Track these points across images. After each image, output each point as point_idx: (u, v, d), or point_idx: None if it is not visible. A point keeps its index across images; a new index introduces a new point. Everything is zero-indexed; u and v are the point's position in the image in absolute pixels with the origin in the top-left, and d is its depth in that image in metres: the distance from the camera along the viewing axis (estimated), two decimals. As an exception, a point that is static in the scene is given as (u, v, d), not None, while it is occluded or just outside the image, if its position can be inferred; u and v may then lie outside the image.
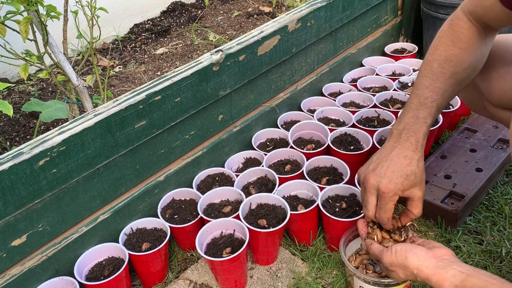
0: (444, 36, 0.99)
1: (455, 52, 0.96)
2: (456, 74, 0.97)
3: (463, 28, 0.96)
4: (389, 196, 0.94)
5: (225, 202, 1.29)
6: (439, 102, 0.96)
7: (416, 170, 0.94)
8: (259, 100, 1.51)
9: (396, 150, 0.96)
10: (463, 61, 0.96)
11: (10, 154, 0.97)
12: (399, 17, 2.05)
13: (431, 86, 0.96)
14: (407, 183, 0.94)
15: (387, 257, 0.90)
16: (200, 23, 2.72)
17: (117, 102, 1.11)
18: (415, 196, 0.96)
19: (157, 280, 1.22)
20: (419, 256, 0.86)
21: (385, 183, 0.93)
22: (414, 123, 0.96)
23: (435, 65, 0.97)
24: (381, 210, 0.97)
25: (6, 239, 1.00)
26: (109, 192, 1.18)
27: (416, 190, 0.96)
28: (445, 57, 0.97)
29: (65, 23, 1.46)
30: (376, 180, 0.95)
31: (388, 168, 0.94)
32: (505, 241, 1.23)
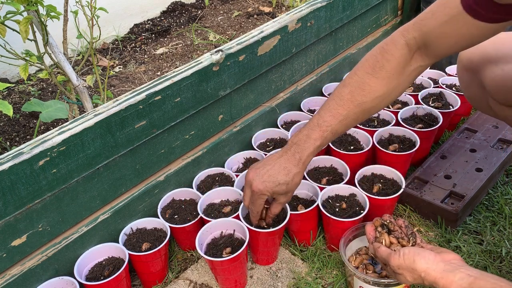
0: (368, 60, 1.00)
1: (370, 81, 0.98)
2: (364, 103, 0.99)
3: (393, 56, 0.96)
4: (257, 195, 1.06)
5: (225, 202, 1.29)
6: (335, 128, 1.01)
7: (290, 182, 1.04)
8: (259, 100, 1.51)
9: (281, 160, 1.05)
10: (376, 90, 0.98)
11: (10, 154, 0.97)
12: (399, 17, 2.04)
13: (333, 110, 1.00)
14: (276, 189, 1.04)
15: (395, 260, 0.89)
16: (200, 23, 2.72)
17: (117, 102, 1.11)
18: (279, 200, 1.09)
19: (157, 280, 1.22)
20: (427, 259, 0.85)
21: (256, 183, 1.05)
22: (305, 141, 1.03)
23: (346, 90, 1.00)
24: (252, 204, 1.09)
25: (6, 239, 1.00)
26: (109, 192, 1.18)
27: (282, 197, 1.08)
28: (359, 84, 0.99)
29: (65, 23, 1.46)
30: (253, 178, 1.06)
31: (267, 172, 1.05)
32: (505, 241, 1.23)
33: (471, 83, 1.15)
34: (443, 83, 1.65)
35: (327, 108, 1.01)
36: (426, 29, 0.91)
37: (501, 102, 1.06)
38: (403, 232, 1.00)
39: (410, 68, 0.98)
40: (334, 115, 1.00)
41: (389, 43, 0.97)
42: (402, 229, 1.01)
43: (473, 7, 0.82)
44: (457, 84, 1.65)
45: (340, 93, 1.01)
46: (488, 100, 1.10)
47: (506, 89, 1.01)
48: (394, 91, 1.00)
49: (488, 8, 0.80)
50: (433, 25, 0.90)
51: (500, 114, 1.10)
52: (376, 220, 1.04)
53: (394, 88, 0.99)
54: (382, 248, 0.96)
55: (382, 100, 1.00)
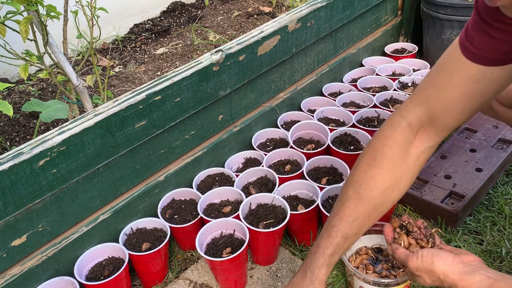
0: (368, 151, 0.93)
1: (373, 173, 0.91)
2: (373, 199, 0.91)
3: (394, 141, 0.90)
4: None
5: (225, 202, 1.29)
6: (345, 231, 0.91)
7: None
8: (259, 100, 1.51)
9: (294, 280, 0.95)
10: (381, 182, 0.91)
11: (10, 154, 0.97)
12: (399, 17, 2.05)
13: (340, 213, 0.92)
14: None
15: (413, 262, 0.87)
16: (200, 23, 2.72)
17: (117, 102, 1.11)
18: None
19: (157, 280, 1.22)
20: (445, 261, 0.83)
21: None
22: (315, 252, 0.93)
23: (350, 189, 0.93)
24: None
25: (6, 239, 1.00)
26: (109, 192, 1.18)
27: None
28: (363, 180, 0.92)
29: (65, 23, 1.46)
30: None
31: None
32: (505, 241, 1.23)
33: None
34: (443, 83, 1.65)
35: (334, 211, 0.93)
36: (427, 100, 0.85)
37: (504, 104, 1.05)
38: (422, 233, 0.98)
39: (416, 150, 0.91)
40: (342, 218, 0.91)
41: (387, 128, 0.91)
42: (421, 230, 0.98)
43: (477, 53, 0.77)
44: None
45: (345, 193, 0.93)
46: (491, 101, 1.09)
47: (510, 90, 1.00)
48: (402, 180, 0.92)
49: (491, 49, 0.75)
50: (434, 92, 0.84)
51: (503, 115, 1.09)
52: (395, 221, 1.01)
53: (402, 176, 0.92)
54: (400, 249, 0.92)
55: (392, 191, 0.92)
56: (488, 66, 0.78)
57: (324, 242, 0.92)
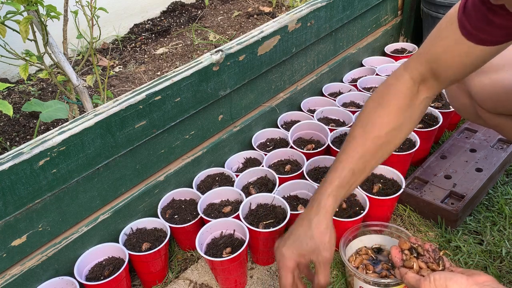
0: (375, 97, 0.97)
1: (381, 114, 0.94)
2: (378, 138, 0.94)
3: (398, 90, 0.94)
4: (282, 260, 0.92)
5: (225, 202, 1.29)
6: (354, 166, 0.93)
7: (313, 233, 0.91)
8: (259, 100, 1.51)
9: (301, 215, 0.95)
10: (388, 123, 0.94)
11: (10, 154, 0.97)
12: (399, 17, 2.05)
13: (347, 150, 0.95)
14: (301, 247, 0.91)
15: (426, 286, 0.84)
16: (200, 23, 2.72)
17: (117, 102, 1.11)
18: (315, 263, 0.92)
19: (157, 280, 1.22)
20: (459, 283, 0.80)
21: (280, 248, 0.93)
22: (321, 186, 0.94)
23: (357, 129, 0.96)
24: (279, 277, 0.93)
25: (6, 239, 1.00)
26: (109, 192, 1.18)
27: (315, 255, 0.91)
28: (369, 120, 0.95)
29: (65, 23, 1.46)
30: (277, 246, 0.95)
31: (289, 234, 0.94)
32: (505, 241, 1.23)
33: (458, 93, 1.13)
34: (443, 83, 1.65)
35: (342, 149, 0.96)
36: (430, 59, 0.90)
37: (489, 111, 1.06)
38: (430, 257, 0.96)
39: (418, 100, 0.95)
40: (349, 154, 0.94)
41: (393, 78, 0.95)
42: (429, 253, 0.96)
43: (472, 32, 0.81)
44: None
45: (352, 132, 0.96)
46: (476, 109, 1.09)
47: (495, 97, 1.01)
48: (406, 124, 0.96)
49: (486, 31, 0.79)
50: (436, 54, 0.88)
51: (489, 123, 1.09)
52: (405, 243, 0.99)
53: (405, 121, 0.95)
54: (409, 274, 0.90)
55: (397, 133, 0.95)
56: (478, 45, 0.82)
57: (331, 176, 0.94)
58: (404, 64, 0.95)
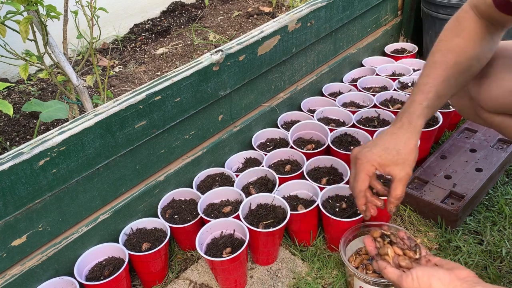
0: (448, 28, 1.00)
1: (458, 42, 0.97)
2: (459, 64, 0.97)
3: (468, 20, 0.97)
4: (362, 163, 0.93)
5: (225, 202, 1.29)
6: (439, 88, 0.96)
7: (401, 147, 0.92)
8: (259, 100, 1.51)
9: (388, 130, 0.97)
10: (466, 50, 0.97)
11: (10, 154, 0.97)
12: (399, 17, 2.05)
13: (431, 73, 0.97)
14: (386, 157, 0.92)
15: (408, 284, 0.83)
16: (200, 23, 2.72)
17: (117, 102, 1.11)
18: (395, 176, 0.93)
19: (157, 280, 1.22)
20: (443, 280, 0.80)
21: (362, 152, 0.95)
22: (410, 106, 0.97)
23: (437, 55, 0.98)
24: (354, 180, 0.96)
25: (6, 239, 1.00)
26: (109, 192, 1.18)
27: (397, 169, 0.93)
28: (448, 47, 0.98)
29: (65, 23, 1.46)
30: (358, 151, 0.97)
31: (373, 142, 0.96)
32: (505, 241, 1.23)
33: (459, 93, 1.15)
34: (443, 83, 1.65)
35: (423, 74, 0.98)
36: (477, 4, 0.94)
37: (490, 111, 1.06)
38: (405, 244, 0.94)
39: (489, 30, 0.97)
40: (433, 77, 0.96)
41: (460, 11, 0.99)
42: (405, 241, 0.95)
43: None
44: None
45: (432, 59, 0.99)
46: (475, 109, 1.10)
47: (494, 97, 1.02)
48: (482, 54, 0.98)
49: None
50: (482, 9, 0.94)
51: (488, 122, 1.10)
52: (375, 231, 0.97)
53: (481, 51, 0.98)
54: (389, 269, 0.88)
55: (477, 62, 0.98)
56: None
57: (418, 97, 0.95)
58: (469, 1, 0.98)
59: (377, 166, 0.93)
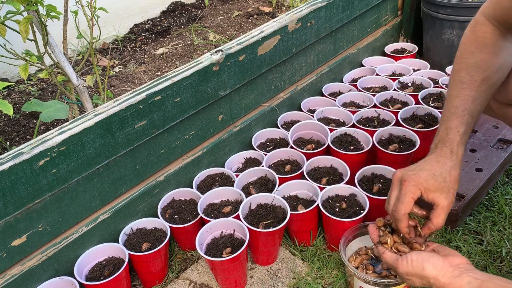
0: (468, 43, 0.99)
1: (482, 57, 0.96)
2: (487, 79, 0.96)
3: (487, 32, 0.96)
4: (408, 186, 0.92)
5: (225, 202, 1.29)
6: (471, 109, 0.95)
7: (446, 175, 0.92)
8: (259, 100, 1.51)
9: (431, 157, 0.96)
10: (492, 64, 0.96)
11: (10, 154, 0.97)
12: (399, 17, 2.05)
13: (460, 95, 0.96)
14: (433, 183, 0.92)
15: (403, 267, 0.88)
16: (200, 23, 2.72)
17: (117, 102, 1.11)
18: (439, 204, 0.93)
19: (157, 280, 1.22)
20: (436, 265, 0.84)
21: (408, 174, 0.93)
22: (447, 134, 0.96)
23: (463, 73, 0.97)
24: (398, 202, 0.94)
25: (6, 239, 1.00)
26: (109, 192, 1.18)
27: (442, 197, 0.93)
28: (473, 64, 0.97)
29: (65, 23, 1.47)
30: (402, 173, 0.95)
31: (417, 166, 0.95)
32: (505, 241, 1.23)
33: None
34: (443, 83, 1.65)
35: (452, 96, 0.98)
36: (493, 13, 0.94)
37: (502, 102, 1.06)
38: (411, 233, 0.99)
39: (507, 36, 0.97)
40: (463, 99, 0.96)
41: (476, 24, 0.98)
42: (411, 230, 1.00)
43: None
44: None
45: (459, 78, 0.98)
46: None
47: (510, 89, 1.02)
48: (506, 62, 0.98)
49: None
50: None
51: (499, 113, 1.10)
52: (379, 220, 1.04)
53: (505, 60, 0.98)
54: (387, 253, 0.93)
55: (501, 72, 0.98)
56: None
57: (454, 123, 0.95)
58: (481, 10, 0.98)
59: (423, 190, 0.93)
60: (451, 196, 0.93)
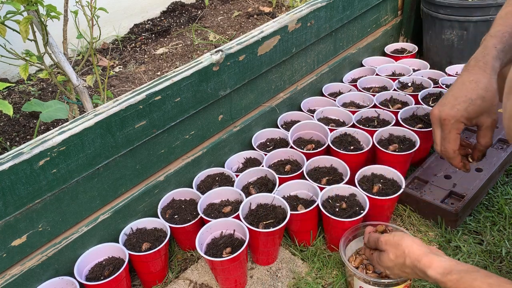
0: None
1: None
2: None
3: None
4: (450, 124, 0.90)
5: (225, 202, 1.29)
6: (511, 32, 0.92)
7: (484, 94, 0.88)
8: (259, 100, 1.51)
9: (462, 77, 0.91)
10: None
11: (10, 154, 0.97)
12: (399, 17, 2.05)
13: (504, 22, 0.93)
14: (473, 109, 0.89)
15: (385, 235, 0.93)
16: (200, 23, 2.72)
17: (117, 102, 1.11)
18: (483, 124, 0.91)
19: (157, 280, 1.22)
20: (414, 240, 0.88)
21: (446, 111, 0.90)
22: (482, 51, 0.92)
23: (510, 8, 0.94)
24: (444, 141, 0.93)
25: (6, 239, 1.00)
26: (109, 192, 1.18)
27: (484, 117, 0.90)
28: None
29: (65, 23, 1.47)
30: (439, 110, 0.92)
31: (451, 95, 0.91)
32: (505, 241, 1.23)
33: None
34: (443, 83, 1.65)
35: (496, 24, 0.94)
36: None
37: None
38: None
39: None
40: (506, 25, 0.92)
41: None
42: None
43: None
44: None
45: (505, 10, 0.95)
46: None
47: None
48: None
49: None
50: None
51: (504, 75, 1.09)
52: (380, 226, 1.07)
53: None
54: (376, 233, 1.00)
55: None
56: None
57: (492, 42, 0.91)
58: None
59: (465, 121, 0.91)
60: (492, 114, 0.91)
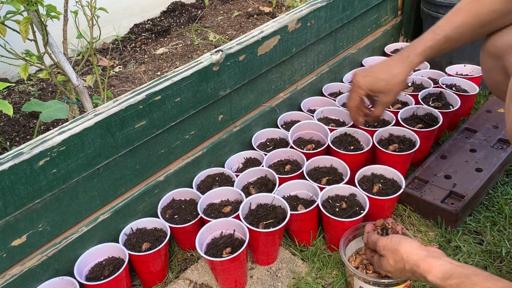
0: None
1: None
2: (480, 14, 1.00)
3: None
4: (354, 88, 1.14)
5: (225, 202, 1.29)
6: (449, 33, 1.02)
7: (390, 79, 1.08)
8: (259, 100, 1.51)
9: (388, 59, 1.11)
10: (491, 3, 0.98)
11: (10, 154, 0.97)
12: (399, 17, 2.05)
13: (449, 18, 1.03)
14: (375, 86, 1.11)
15: (382, 241, 0.95)
16: (200, 23, 2.72)
17: (117, 102, 1.11)
18: (381, 100, 1.14)
19: (157, 280, 1.22)
20: (411, 244, 0.90)
21: (358, 78, 1.14)
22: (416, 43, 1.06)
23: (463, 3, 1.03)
24: (348, 98, 1.19)
25: (6, 239, 1.00)
26: (109, 192, 1.18)
27: (383, 95, 1.12)
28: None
29: (65, 23, 1.47)
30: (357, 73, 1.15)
31: (371, 69, 1.12)
32: (505, 241, 1.23)
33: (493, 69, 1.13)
34: (443, 83, 1.65)
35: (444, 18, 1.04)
36: None
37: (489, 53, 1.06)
38: None
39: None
40: (449, 21, 1.03)
41: None
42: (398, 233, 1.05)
43: None
44: (457, 84, 1.65)
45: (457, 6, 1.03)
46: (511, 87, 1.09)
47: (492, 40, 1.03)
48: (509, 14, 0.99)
49: None
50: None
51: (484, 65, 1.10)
52: (379, 221, 1.06)
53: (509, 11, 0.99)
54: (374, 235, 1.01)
55: (499, 16, 1.00)
56: None
57: (426, 36, 1.06)
58: None
59: (367, 91, 1.13)
60: (390, 96, 1.13)
